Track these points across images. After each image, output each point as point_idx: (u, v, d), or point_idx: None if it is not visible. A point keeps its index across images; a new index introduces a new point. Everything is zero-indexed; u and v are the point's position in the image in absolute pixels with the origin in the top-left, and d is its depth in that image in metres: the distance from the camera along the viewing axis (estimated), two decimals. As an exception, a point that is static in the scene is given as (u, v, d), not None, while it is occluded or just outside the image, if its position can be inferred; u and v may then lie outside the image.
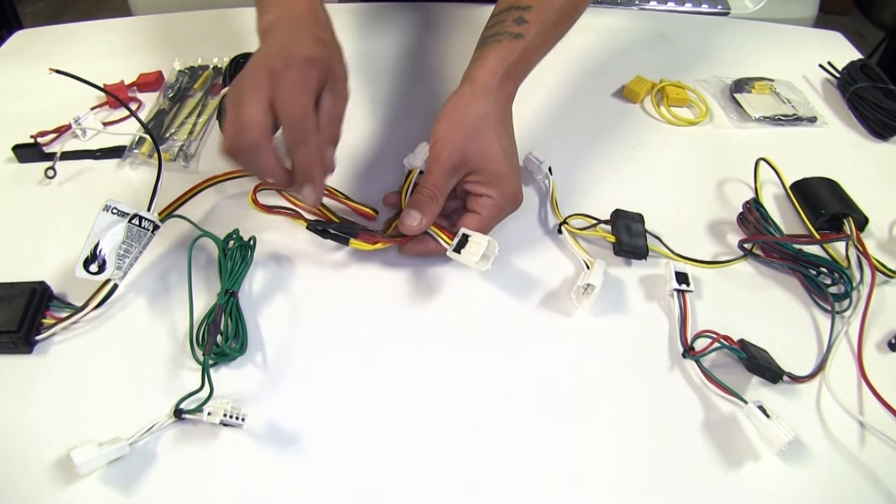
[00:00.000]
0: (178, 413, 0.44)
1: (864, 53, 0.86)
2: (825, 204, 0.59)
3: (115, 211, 0.50)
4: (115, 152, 0.66)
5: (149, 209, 0.53)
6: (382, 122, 0.71)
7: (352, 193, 0.60)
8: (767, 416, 0.45)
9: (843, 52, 0.86)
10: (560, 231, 0.59)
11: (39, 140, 0.66)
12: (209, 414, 0.43)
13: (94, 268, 0.49)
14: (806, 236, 0.59)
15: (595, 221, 0.59)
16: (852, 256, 0.57)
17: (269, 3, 0.54)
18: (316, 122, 0.49)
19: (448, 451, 0.45)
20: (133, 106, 0.70)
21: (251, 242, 0.55)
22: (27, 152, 0.65)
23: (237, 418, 0.44)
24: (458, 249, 0.52)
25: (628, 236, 0.57)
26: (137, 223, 0.51)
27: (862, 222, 0.59)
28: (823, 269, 0.55)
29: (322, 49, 0.51)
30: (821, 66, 0.82)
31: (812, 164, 0.66)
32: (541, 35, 0.57)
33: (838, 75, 0.80)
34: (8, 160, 0.65)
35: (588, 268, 0.55)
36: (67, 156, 0.65)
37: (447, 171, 0.52)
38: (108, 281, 0.50)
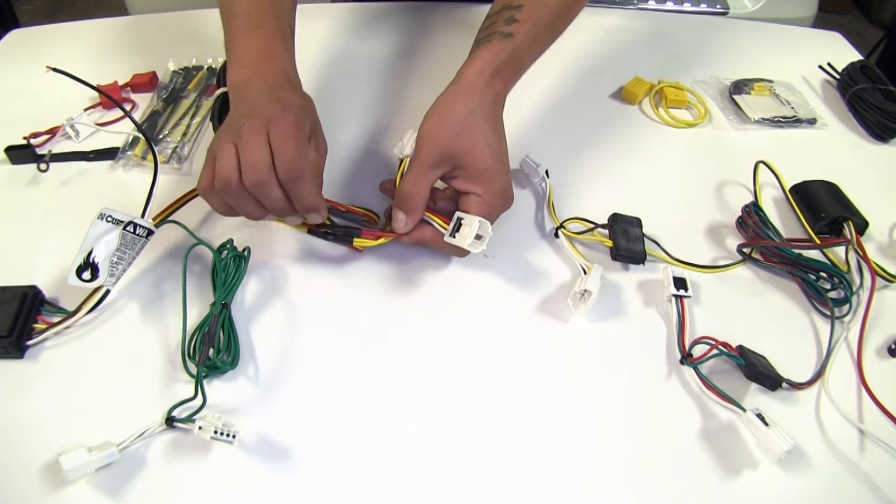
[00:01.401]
0: (170, 421, 0.44)
1: (863, 53, 0.85)
2: (825, 207, 0.59)
3: (109, 219, 0.49)
4: (108, 154, 0.65)
5: (143, 214, 0.52)
6: (377, 122, 0.70)
7: (348, 193, 0.59)
8: (766, 424, 0.44)
9: (842, 52, 0.85)
10: (557, 235, 0.58)
11: (32, 141, 0.65)
12: (200, 428, 0.43)
13: (86, 275, 0.48)
14: (805, 240, 0.58)
15: (592, 225, 0.59)
16: (852, 261, 0.57)
17: (241, 57, 0.55)
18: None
19: (445, 458, 0.45)
20: (127, 107, 0.70)
21: (245, 253, 0.54)
22: (19, 154, 0.64)
23: (228, 435, 0.43)
24: (453, 234, 0.52)
25: (626, 241, 0.56)
26: (132, 230, 0.50)
27: (862, 226, 0.58)
28: (823, 274, 0.55)
29: (307, 102, 0.54)
30: (820, 66, 0.81)
31: (812, 166, 0.66)
32: (532, 34, 0.56)
33: (838, 76, 0.79)
34: (0, 161, 0.65)
35: (585, 273, 0.54)
36: (61, 157, 0.64)
37: (426, 167, 0.52)
38: (100, 286, 0.50)
